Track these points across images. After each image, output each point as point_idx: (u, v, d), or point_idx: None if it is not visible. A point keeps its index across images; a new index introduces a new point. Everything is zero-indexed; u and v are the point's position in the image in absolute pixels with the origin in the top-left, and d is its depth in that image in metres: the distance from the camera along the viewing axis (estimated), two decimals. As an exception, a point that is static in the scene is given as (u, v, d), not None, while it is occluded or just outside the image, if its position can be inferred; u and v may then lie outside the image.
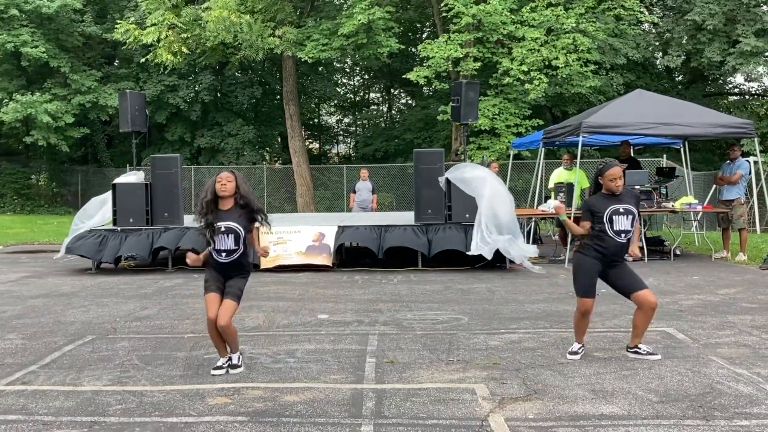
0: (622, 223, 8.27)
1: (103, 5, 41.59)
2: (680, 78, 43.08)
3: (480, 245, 16.18)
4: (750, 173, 18.41)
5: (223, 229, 7.91)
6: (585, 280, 8.49)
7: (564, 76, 29.55)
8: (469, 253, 16.29)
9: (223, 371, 8.08)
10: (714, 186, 19.66)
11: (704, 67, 36.61)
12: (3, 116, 37.06)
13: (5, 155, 45.35)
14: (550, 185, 20.73)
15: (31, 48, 37.47)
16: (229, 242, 7.94)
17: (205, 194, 7.99)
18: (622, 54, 33.13)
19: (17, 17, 37.72)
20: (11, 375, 7.98)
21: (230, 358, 8.19)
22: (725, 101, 43.11)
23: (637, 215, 8.37)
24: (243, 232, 7.98)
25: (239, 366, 8.19)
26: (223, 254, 7.95)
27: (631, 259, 8.64)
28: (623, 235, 8.29)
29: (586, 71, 30.05)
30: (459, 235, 16.74)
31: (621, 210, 8.27)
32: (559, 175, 20.55)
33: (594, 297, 8.45)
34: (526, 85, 28.82)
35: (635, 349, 8.48)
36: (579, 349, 8.56)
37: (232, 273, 8.09)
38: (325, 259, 16.98)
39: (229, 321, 7.92)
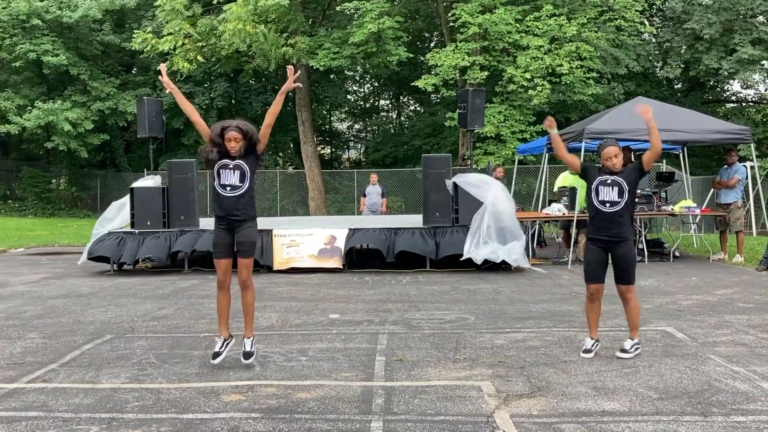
0: (607, 193, 8.28)
1: (122, 15, 41.67)
2: (679, 86, 43.06)
3: (472, 250, 16.29)
4: (747, 178, 18.45)
5: (231, 165, 7.96)
6: (586, 266, 8.60)
7: (567, 83, 29.55)
8: (462, 258, 16.39)
9: (221, 358, 8.12)
10: (712, 190, 19.66)
11: (702, 75, 36.67)
12: (25, 123, 37.16)
13: (27, 160, 45.48)
14: (555, 188, 20.73)
15: (52, 57, 37.57)
16: (234, 178, 7.97)
17: (210, 150, 8.01)
18: (623, 65, 33.15)
19: (39, 27, 37.82)
20: (32, 373, 8.00)
21: (244, 345, 8.21)
22: (723, 108, 43.05)
23: (628, 187, 8.26)
24: (249, 171, 8.04)
25: (252, 354, 8.19)
26: (229, 189, 7.98)
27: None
28: (608, 206, 8.27)
29: (588, 78, 30.05)
30: (465, 239, 16.76)
31: (608, 181, 8.30)
32: (564, 178, 20.56)
33: (599, 282, 8.46)
34: (530, 91, 28.82)
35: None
36: (593, 345, 8.54)
37: (238, 215, 8.06)
38: (336, 262, 17.02)
39: (250, 277, 8.11)
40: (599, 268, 8.49)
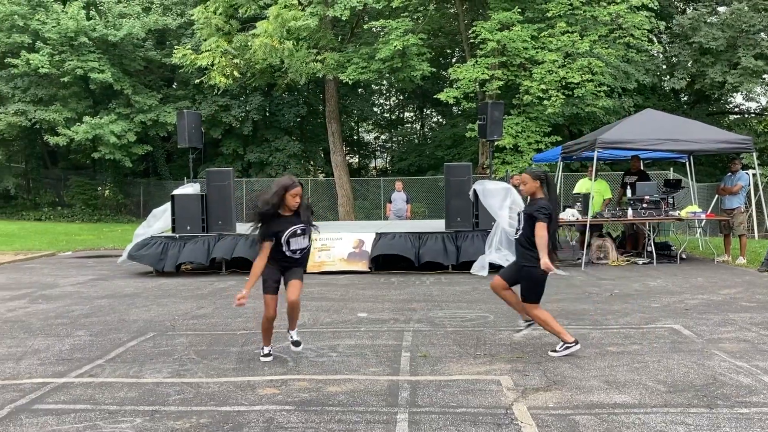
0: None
1: (163, 33, 41.83)
2: (685, 99, 42.88)
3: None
4: (749, 184, 18.40)
5: (299, 232, 7.95)
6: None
7: (579, 95, 29.48)
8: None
9: (270, 358, 8.26)
10: (716, 196, 19.59)
11: (707, 88, 36.55)
12: (73, 135, 37.36)
13: (74, 169, 45.69)
14: (575, 190, 20.79)
15: (98, 73, 37.78)
16: (304, 242, 8.02)
17: (270, 206, 7.81)
18: (633, 79, 33.05)
19: (86, 44, 38.04)
20: (80, 368, 8.06)
21: (291, 335, 8.37)
22: (727, 120, 42.81)
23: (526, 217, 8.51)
24: (309, 230, 8.10)
25: (300, 342, 8.37)
26: (298, 252, 8.01)
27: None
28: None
29: (599, 92, 29.98)
30: (483, 245, 16.80)
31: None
32: (582, 183, 20.60)
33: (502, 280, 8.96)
34: (545, 102, 28.77)
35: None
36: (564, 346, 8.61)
37: (296, 265, 8.16)
38: (364, 266, 17.09)
39: (299, 297, 8.11)
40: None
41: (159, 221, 18.43)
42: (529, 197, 8.61)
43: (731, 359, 8.04)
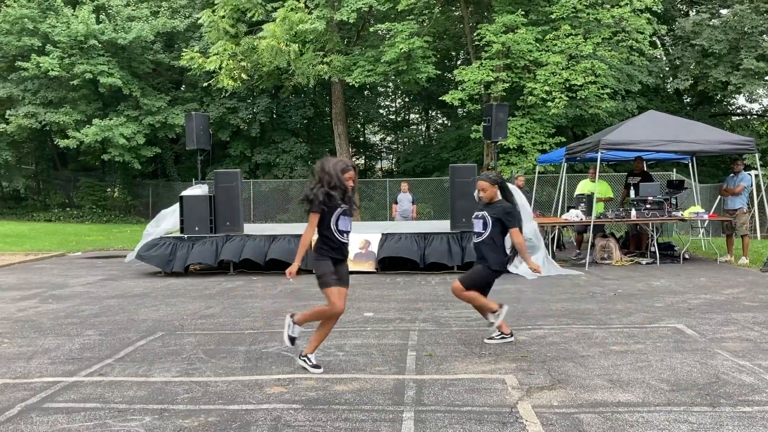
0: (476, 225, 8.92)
1: (171, 36, 41.88)
2: (688, 100, 42.86)
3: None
4: (751, 185, 18.36)
5: (347, 212, 7.81)
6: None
7: (583, 97, 29.46)
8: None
9: (320, 370, 7.95)
10: (719, 197, 19.56)
11: (710, 89, 36.56)
12: (83, 137, 37.42)
13: (83, 171, 45.80)
14: (576, 193, 20.77)
15: (107, 77, 37.84)
16: (349, 225, 7.83)
17: (335, 188, 7.54)
18: (636, 81, 33.06)
19: (95, 47, 38.10)
20: (89, 367, 8.07)
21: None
22: (729, 121, 42.78)
23: (491, 221, 8.75)
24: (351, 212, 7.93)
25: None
26: (345, 235, 7.79)
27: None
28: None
29: (602, 94, 29.96)
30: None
31: (479, 215, 8.91)
32: (584, 185, 20.58)
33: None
34: (548, 103, 28.75)
35: None
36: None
37: (344, 256, 7.93)
38: (370, 266, 17.09)
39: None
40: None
41: (167, 222, 18.46)
42: (487, 202, 8.83)
43: (734, 358, 8.02)
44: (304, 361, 7.82)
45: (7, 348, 9.27)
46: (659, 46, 37.87)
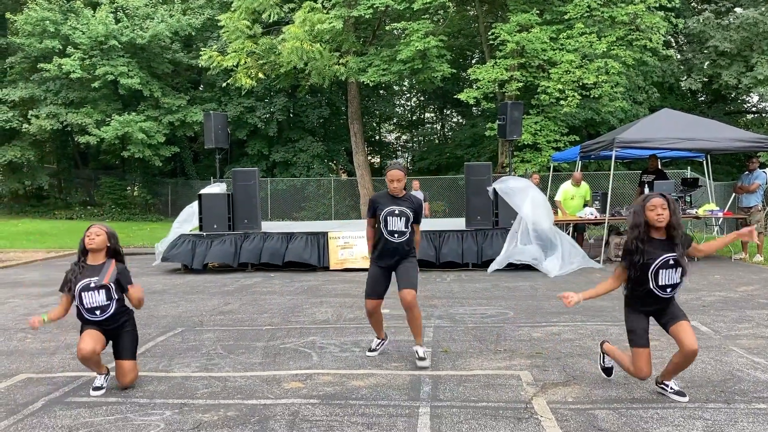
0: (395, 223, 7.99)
1: (189, 35, 41.89)
2: (703, 98, 42.66)
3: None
4: (766, 183, 18.29)
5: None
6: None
7: (596, 96, 29.38)
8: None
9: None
10: (734, 194, 19.48)
11: (723, 88, 36.41)
12: (103, 134, 37.48)
13: (104, 169, 45.93)
14: (557, 198, 20.32)
15: (127, 78, 37.92)
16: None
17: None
18: (649, 80, 32.99)
19: (115, 48, 38.18)
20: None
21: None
22: (744, 119, 42.55)
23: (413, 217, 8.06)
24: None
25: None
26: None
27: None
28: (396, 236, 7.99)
29: (615, 92, 29.86)
30: (503, 243, 16.81)
31: (396, 211, 7.99)
32: (566, 191, 20.16)
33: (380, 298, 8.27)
34: (561, 102, 28.68)
35: None
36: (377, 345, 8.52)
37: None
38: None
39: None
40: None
41: (189, 222, 18.61)
42: (399, 193, 8.06)
43: (748, 355, 8.00)
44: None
45: (30, 343, 9.33)
46: (674, 45, 37.71)
